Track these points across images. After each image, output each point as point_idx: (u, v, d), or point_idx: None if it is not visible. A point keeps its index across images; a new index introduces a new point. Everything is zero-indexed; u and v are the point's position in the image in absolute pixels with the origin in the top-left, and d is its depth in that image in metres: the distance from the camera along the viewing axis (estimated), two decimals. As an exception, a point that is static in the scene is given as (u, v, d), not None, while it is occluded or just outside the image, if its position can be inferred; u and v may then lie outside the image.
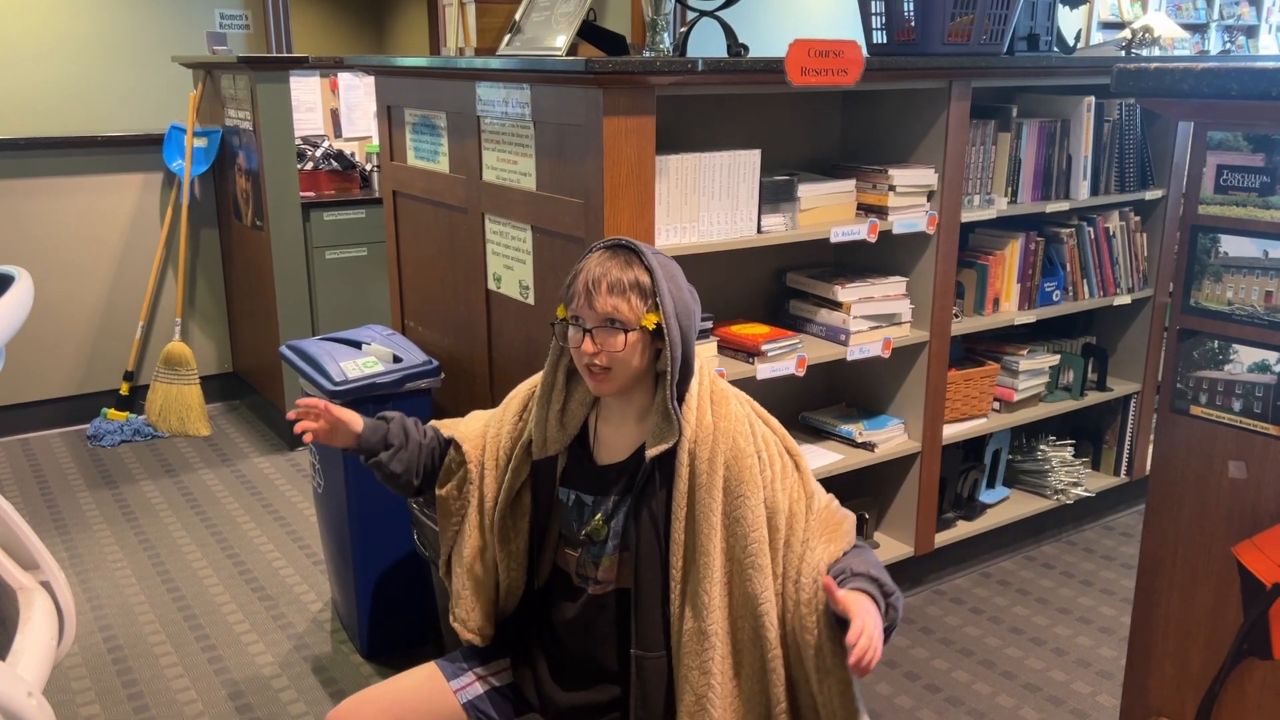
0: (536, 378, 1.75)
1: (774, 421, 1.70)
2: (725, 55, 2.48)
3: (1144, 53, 3.24)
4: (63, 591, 1.96)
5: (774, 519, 1.59)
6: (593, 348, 1.55)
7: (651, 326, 1.56)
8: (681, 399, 1.60)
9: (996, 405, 3.04)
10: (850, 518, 1.65)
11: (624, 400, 1.64)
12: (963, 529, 3.00)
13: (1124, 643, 2.47)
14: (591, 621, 1.68)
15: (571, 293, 1.59)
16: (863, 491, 2.88)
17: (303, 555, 3.16)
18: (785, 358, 2.51)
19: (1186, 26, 7.25)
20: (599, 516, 1.65)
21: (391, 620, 2.59)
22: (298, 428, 1.71)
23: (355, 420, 1.73)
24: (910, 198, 2.62)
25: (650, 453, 1.58)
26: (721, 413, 1.61)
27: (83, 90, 4.34)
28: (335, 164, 4.26)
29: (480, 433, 1.78)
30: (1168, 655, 1.62)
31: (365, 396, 2.44)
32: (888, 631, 1.51)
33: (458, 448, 1.77)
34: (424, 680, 1.76)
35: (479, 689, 1.76)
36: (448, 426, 1.82)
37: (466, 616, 1.76)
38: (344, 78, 4.62)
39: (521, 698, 1.79)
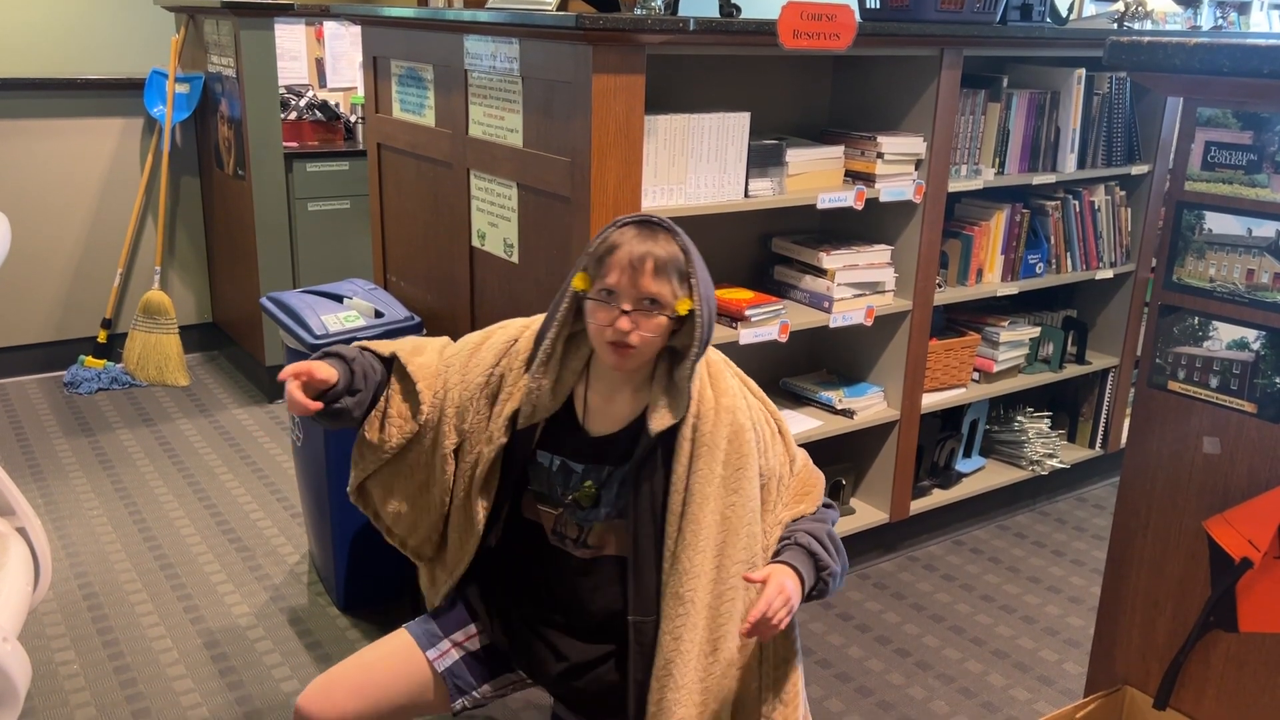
0: (511, 329, 1.70)
1: (756, 388, 1.71)
2: (718, 15, 2.46)
3: (1136, 26, 3.23)
4: (38, 538, 1.96)
5: (766, 485, 1.64)
6: (629, 326, 1.52)
7: (684, 312, 1.54)
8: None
9: (976, 375, 3.06)
10: (821, 478, 1.72)
11: (625, 372, 1.62)
12: (938, 497, 3.02)
13: (1092, 612, 2.51)
14: (575, 583, 1.68)
15: (606, 266, 1.53)
16: (841, 458, 2.90)
17: (280, 507, 3.16)
18: (768, 323, 2.51)
19: (1179, 1, 7.22)
20: (589, 484, 1.64)
21: (368, 573, 2.60)
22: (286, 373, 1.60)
23: (330, 374, 1.63)
24: (898, 166, 2.61)
25: (657, 427, 1.57)
26: (721, 387, 1.63)
27: (62, 31, 4.26)
28: (319, 114, 4.21)
29: (437, 372, 1.70)
30: (1135, 625, 1.65)
31: (346, 350, 2.43)
32: (818, 595, 1.61)
33: (410, 388, 1.68)
34: (397, 652, 1.72)
35: (455, 655, 1.73)
36: (400, 352, 1.71)
37: (407, 535, 1.77)
38: (330, 26, 4.55)
39: (497, 659, 1.77)
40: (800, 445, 1.78)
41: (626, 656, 1.64)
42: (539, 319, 1.68)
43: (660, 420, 1.57)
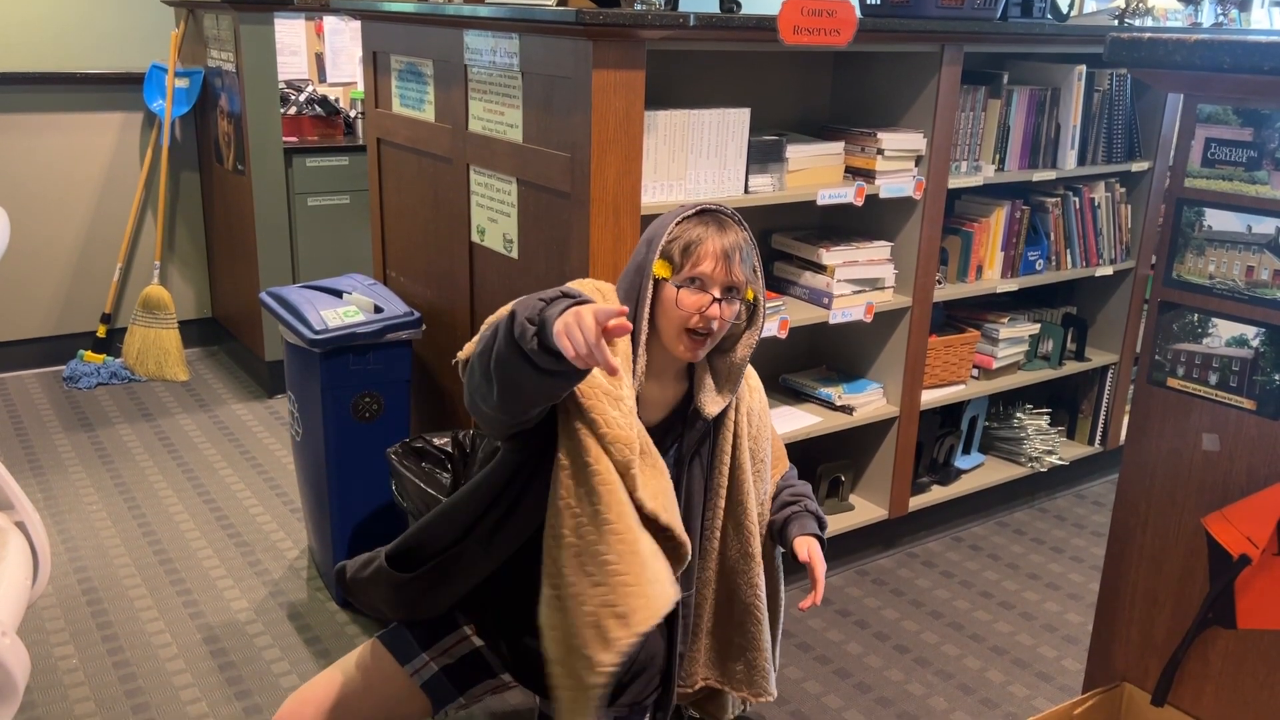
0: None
1: None
2: (718, 11, 2.45)
3: (1137, 23, 3.23)
4: (37, 533, 1.96)
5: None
6: (717, 313, 1.57)
7: (751, 299, 1.63)
8: None
9: (975, 372, 3.06)
10: (779, 437, 1.94)
11: (674, 360, 1.65)
12: (937, 493, 3.02)
13: (1091, 609, 2.51)
14: None
15: (698, 256, 1.57)
16: (840, 454, 2.90)
17: (280, 503, 3.16)
18: (768, 319, 2.50)
19: (1180, -2, 7.20)
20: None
21: (368, 569, 2.60)
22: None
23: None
24: (898, 162, 2.61)
25: (713, 410, 1.66)
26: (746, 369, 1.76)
27: (62, 26, 4.25)
28: (319, 109, 4.20)
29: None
30: (1134, 622, 1.65)
31: (345, 346, 2.43)
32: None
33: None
34: (374, 668, 1.69)
35: (434, 668, 1.71)
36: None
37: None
38: (329, 21, 4.54)
39: (478, 666, 1.74)
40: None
41: (672, 633, 1.72)
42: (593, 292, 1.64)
43: (715, 403, 1.66)
